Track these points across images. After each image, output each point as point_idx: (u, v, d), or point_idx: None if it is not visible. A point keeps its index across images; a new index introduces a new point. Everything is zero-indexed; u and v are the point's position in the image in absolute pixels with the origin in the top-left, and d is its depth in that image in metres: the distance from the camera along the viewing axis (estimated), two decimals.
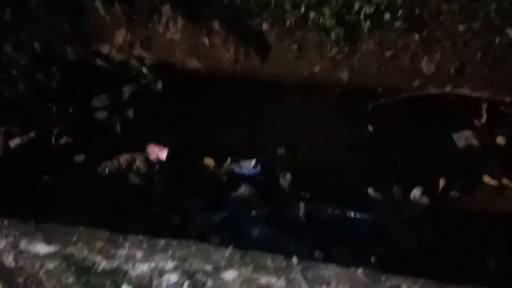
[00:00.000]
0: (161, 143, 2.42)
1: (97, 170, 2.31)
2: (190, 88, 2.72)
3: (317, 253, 2.02)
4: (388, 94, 2.64)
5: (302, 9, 2.45)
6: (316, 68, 2.70)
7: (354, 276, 1.26)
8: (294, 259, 1.32)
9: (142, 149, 2.40)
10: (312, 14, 2.47)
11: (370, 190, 2.26)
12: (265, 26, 2.63)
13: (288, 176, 2.28)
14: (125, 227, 1.90)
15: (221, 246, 1.43)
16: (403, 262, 1.91)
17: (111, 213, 2.05)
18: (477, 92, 2.58)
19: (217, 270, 1.30)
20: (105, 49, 2.81)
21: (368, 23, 2.46)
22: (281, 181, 2.29)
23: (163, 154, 2.38)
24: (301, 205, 2.19)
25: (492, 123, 2.52)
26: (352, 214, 2.14)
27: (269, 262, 1.32)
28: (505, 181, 2.27)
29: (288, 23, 2.56)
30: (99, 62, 2.77)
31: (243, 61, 2.75)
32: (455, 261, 1.95)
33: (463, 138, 2.49)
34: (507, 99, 2.57)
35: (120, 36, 2.77)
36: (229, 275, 1.28)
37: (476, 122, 2.54)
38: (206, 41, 2.72)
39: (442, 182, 2.29)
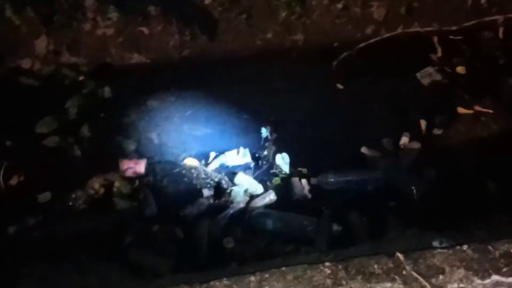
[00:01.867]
0: (134, 155, 2.15)
1: (71, 204, 2.00)
2: (140, 86, 2.44)
3: (335, 227, 1.97)
4: (344, 47, 2.59)
5: None
6: (269, 35, 2.55)
7: (463, 255, 1.21)
8: (399, 255, 1.24)
9: (114, 168, 2.11)
10: None
11: (364, 149, 2.23)
12: (207, 1, 2.40)
13: (285, 156, 2.16)
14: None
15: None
16: (423, 210, 1.97)
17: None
18: (426, 27, 2.63)
19: None
20: (26, 64, 2.37)
21: None
22: (277, 162, 2.16)
23: (140, 167, 2.12)
24: (304, 182, 2.11)
25: (448, 54, 2.59)
26: (358, 178, 2.10)
27: (375, 266, 1.21)
28: (477, 108, 2.37)
29: None
30: (23, 80, 2.34)
31: (190, 43, 2.51)
32: (464, 193, 2.02)
33: (427, 75, 2.53)
34: (454, 27, 2.65)
35: (42, 44, 2.35)
36: None
37: (433, 57, 2.60)
38: (145, 30, 2.42)
39: (423, 123, 2.34)
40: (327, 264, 1.25)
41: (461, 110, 2.38)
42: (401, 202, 2.02)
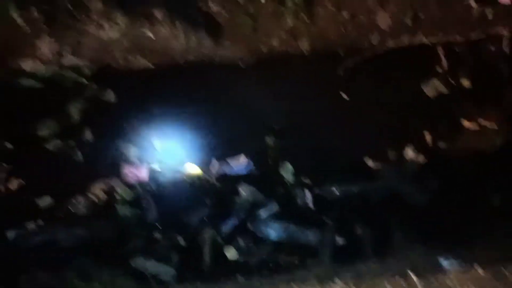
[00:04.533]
0: (136, 161, 2.13)
1: (72, 210, 1.97)
2: (144, 91, 2.40)
3: (339, 239, 1.96)
4: (350, 56, 2.57)
5: None
6: (275, 42, 2.53)
7: (475, 275, 1.20)
8: (412, 275, 1.22)
9: (116, 173, 2.09)
10: None
11: (368, 160, 2.22)
12: (214, 6, 2.37)
13: (289, 166, 2.14)
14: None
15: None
16: (429, 223, 1.96)
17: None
18: (431, 37, 2.61)
19: None
20: (27, 65, 2.33)
21: None
22: (281, 171, 2.14)
23: (142, 173, 2.09)
24: (307, 193, 2.10)
25: (453, 66, 2.58)
26: (362, 189, 2.09)
27: (387, 286, 1.20)
28: (481, 121, 2.37)
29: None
30: (25, 82, 2.30)
31: (196, 48, 2.48)
32: (467, 206, 2.02)
33: (432, 87, 2.53)
34: (458, 38, 2.64)
35: (45, 45, 2.31)
36: None
37: (438, 68, 2.59)
38: (150, 34, 2.38)
39: (427, 136, 2.33)
40: (337, 281, 1.23)
41: (465, 123, 2.38)
42: (406, 214, 2.02)
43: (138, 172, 2.08)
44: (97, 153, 2.15)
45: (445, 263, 1.44)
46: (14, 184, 2.05)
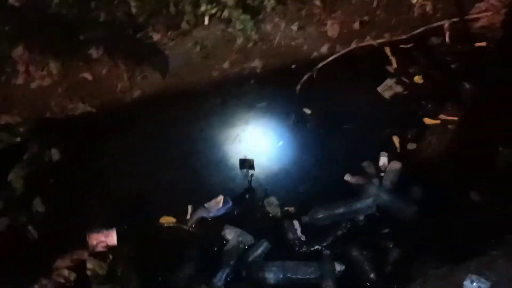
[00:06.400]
0: (101, 226, 1.87)
1: None
2: (91, 139, 2.13)
3: (338, 267, 1.87)
4: (302, 68, 2.48)
5: (202, 7, 2.05)
6: (226, 65, 2.36)
7: None
8: None
9: (82, 244, 1.82)
10: (213, 9, 2.08)
11: (347, 177, 2.14)
12: (155, 35, 2.15)
13: (272, 199, 2.00)
14: None
15: None
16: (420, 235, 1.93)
17: None
18: (379, 40, 2.60)
19: None
20: None
21: (271, 1, 2.20)
22: (265, 206, 2.00)
23: (112, 238, 1.84)
24: (296, 224, 1.97)
25: (403, 64, 2.59)
26: (349, 209, 2.00)
27: None
28: (442, 116, 2.39)
29: (184, 24, 2.13)
30: None
31: (141, 83, 2.24)
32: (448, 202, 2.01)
33: (387, 88, 2.51)
34: (403, 36, 2.65)
35: None
36: None
37: (389, 68, 2.58)
38: (88, 76, 2.11)
39: (396, 140, 2.31)
40: None
41: (428, 120, 2.38)
42: (397, 228, 1.98)
43: (106, 238, 1.83)
44: (53, 224, 1.86)
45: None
46: None
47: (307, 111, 2.38)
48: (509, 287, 1.39)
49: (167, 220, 1.97)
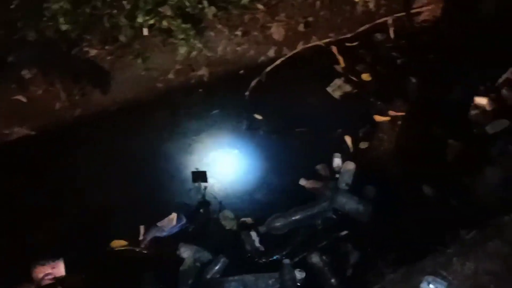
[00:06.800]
0: (46, 257, 1.75)
1: None
2: (30, 165, 2.01)
3: (299, 274, 1.84)
4: (250, 74, 2.44)
5: (139, 18, 1.96)
6: (171, 75, 2.28)
7: None
8: None
9: (27, 279, 1.70)
10: (152, 20, 2.00)
11: (302, 182, 2.11)
12: (92, 50, 2.05)
13: (227, 212, 1.95)
14: None
15: None
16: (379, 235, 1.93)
17: None
18: (325, 39, 2.59)
19: None
20: None
21: (212, 8, 2.14)
22: (220, 220, 1.94)
23: (59, 269, 1.74)
24: (253, 235, 1.93)
25: (350, 62, 2.59)
26: (306, 215, 1.98)
27: None
28: (391, 112, 2.41)
29: (122, 37, 2.03)
30: None
31: (82, 101, 2.13)
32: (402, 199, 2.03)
33: (336, 87, 2.50)
34: (349, 35, 2.66)
35: None
36: None
37: (337, 68, 2.57)
38: (22, 98, 1.99)
39: (348, 139, 2.30)
40: None
41: (378, 118, 2.39)
42: (355, 229, 1.97)
43: (53, 270, 1.72)
44: None
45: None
46: None
47: (258, 116, 2.34)
48: (465, 285, 1.39)
49: (119, 244, 1.87)
